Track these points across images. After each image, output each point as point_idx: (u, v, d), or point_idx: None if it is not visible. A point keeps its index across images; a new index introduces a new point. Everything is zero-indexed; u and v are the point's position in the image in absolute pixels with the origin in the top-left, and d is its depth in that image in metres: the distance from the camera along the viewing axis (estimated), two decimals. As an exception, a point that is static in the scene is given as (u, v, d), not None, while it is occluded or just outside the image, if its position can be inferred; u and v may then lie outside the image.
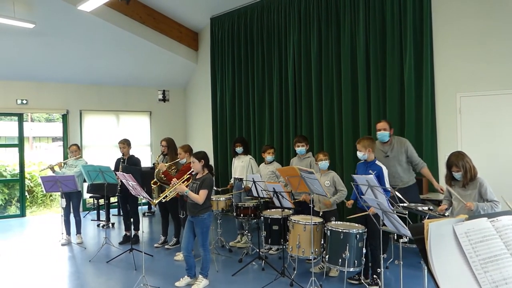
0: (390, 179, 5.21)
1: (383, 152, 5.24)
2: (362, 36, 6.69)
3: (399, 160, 5.17)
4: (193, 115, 10.78)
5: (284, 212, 5.14)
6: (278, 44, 8.11)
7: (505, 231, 1.28)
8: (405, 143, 5.22)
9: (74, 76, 9.49)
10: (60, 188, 6.40)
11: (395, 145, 5.20)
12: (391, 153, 5.19)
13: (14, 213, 9.72)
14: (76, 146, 7.07)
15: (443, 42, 6.02)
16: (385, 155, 5.20)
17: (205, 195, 4.57)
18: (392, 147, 5.20)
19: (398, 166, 5.16)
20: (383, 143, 5.24)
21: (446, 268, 1.23)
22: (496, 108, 5.59)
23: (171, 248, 6.33)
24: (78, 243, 6.76)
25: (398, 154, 5.17)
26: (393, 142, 5.22)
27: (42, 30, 7.91)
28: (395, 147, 5.20)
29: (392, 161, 5.16)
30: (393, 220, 3.54)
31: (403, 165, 5.20)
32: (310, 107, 7.50)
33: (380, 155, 5.20)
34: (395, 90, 6.36)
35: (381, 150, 5.24)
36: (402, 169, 5.17)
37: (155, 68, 10.04)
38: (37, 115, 18.35)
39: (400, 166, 5.17)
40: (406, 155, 5.18)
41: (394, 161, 5.16)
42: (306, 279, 4.57)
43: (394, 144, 5.21)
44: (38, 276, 5.31)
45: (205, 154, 4.77)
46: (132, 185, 4.73)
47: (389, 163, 5.08)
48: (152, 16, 9.23)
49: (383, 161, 5.14)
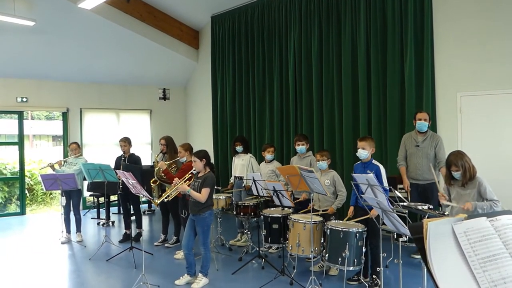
0: (412, 170, 5.40)
1: (415, 141, 5.38)
2: (363, 35, 6.69)
3: (427, 153, 5.29)
4: (194, 114, 10.78)
5: (284, 211, 5.14)
6: (278, 42, 8.11)
7: (504, 230, 1.28)
8: (438, 139, 5.33)
9: (74, 74, 9.49)
10: (60, 186, 6.40)
11: (429, 138, 5.32)
12: (422, 144, 5.33)
13: (14, 211, 9.73)
14: (76, 144, 7.07)
15: (444, 41, 6.01)
16: (416, 145, 5.35)
17: (208, 193, 4.57)
18: (424, 138, 5.33)
19: (425, 159, 5.28)
20: (419, 133, 5.35)
21: (445, 267, 1.23)
22: (497, 108, 5.59)
23: (171, 246, 6.34)
24: (78, 241, 6.76)
25: (428, 147, 5.30)
26: (428, 135, 5.34)
27: (42, 28, 7.91)
28: (427, 140, 5.32)
29: (421, 152, 5.31)
30: (392, 219, 3.54)
31: (430, 159, 5.29)
32: (310, 106, 7.50)
33: (411, 144, 5.37)
34: (395, 89, 6.36)
35: (413, 139, 5.40)
36: (427, 162, 5.22)
37: (155, 66, 10.04)
38: (37, 113, 18.34)
39: (426, 159, 5.27)
40: (435, 150, 5.26)
41: (422, 153, 5.31)
42: (306, 278, 4.58)
43: (428, 136, 5.33)
44: (38, 274, 5.31)
45: (206, 152, 4.77)
46: (132, 184, 4.74)
47: (417, 153, 5.28)
48: (152, 14, 9.22)
49: (413, 150, 5.33)
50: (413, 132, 5.47)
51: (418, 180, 5.39)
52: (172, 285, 4.75)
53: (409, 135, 5.53)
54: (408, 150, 5.47)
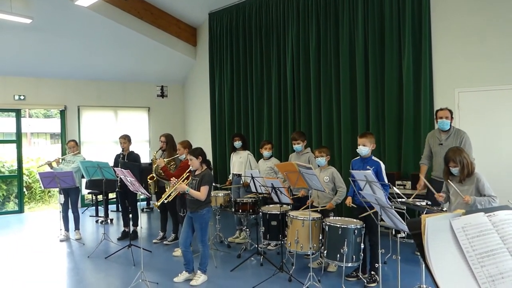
0: (437, 169, 5.16)
1: (438, 139, 5.20)
2: (361, 31, 6.68)
3: None
4: (192, 111, 10.77)
5: (283, 208, 5.14)
6: (276, 39, 8.10)
7: (501, 225, 1.28)
8: (463, 135, 5.09)
9: (72, 71, 9.46)
10: (58, 184, 6.38)
11: (452, 135, 5.11)
12: (445, 141, 5.12)
13: (12, 209, 9.72)
14: (74, 142, 7.06)
15: (442, 38, 6.01)
16: (439, 143, 5.16)
17: (206, 191, 4.57)
18: (448, 136, 5.12)
19: None
20: (442, 131, 5.17)
21: (443, 262, 1.23)
22: (495, 104, 5.60)
23: (169, 244, 6.34)
24: (77, 239, 6.76)
25: (452, 144, 5.03)
26: (451, 132, 5.14)
27: (39, 25, 7.88)
28: (451, 137, 5.11)
29: (444, 150, 5.07)
30: (391, 216, 3.55)
31: None
32: (308, 102, 7.50)
33: (435, 143, 5.20)
34: (393, 85, 6.36)
35: (437, 138, 5.22)
36: None
37: (153, 63, 10.02)
38: (35, 111, 18.29)
39: None
40: (460, 145, 5.03)
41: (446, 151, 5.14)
42: (305, 274, 4.58)
43: (451, 133, 5.12)
44: (36, 272, 5.31)
45: (201, 150, 4.77)
46: (131, 181, 4.73)
47: (441, 151, 5.04)
48: (150, 11, 9.19)
49: (437, 149, 5.14)
50: (436, 130, 5.27)
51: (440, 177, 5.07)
52: (171, 283, 4.76)
53: (433, 133, 5.35)
54: (433, 149, 5.29)
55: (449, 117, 5.13)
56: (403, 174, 6.20)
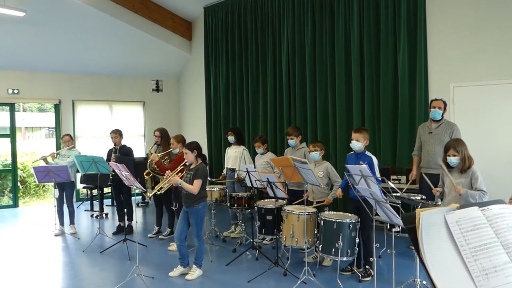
0: (424, 158, 5.27)
1: (428, 128, 5.27)
2: (356, 26, 6.68)
3: (440, 140, 5.05)
4: (187, 105, 10.73)
5: (278, 202, 5.14)
6: (272, 33, 8.07)
7: (495, 220, 1.29)
8: (453, 126, 5.14)
9: (66, 65, 9.40)
10: (53, 178, 6.36)
11: (443, 125, 5.17)
12: (435, 130, 5.18)
13: (7, 204, 9.68)
14: (69, 136, 7.03)
15: (437, 32, 6.02)
16: (429, 131, 5.23)
17: (200, 185, 4.56)
18: (438, 125, 5.18)
19: (437, 146, 5.06)
20: (433, 121, 5.22)
21: (437, 256, 1.24)
22: (489, 99, 5.62)
23: (165, 238, 6.34)
24: (72, 233, 6.74)
25: (442, 133, 5.12)
26: (442, 122, 5.19)
27: (33, 19, 7.80)
28: (441, 126, 5.16)
29: (433, 138, 5.16)
30: (385, 210, 3.56)
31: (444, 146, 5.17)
32: (304, 97, 7.49)
33: (425, 131, 5.27)
34: (389, 80, 6.37)
35: (427, 127, 5.29)
36: (440, 149, 4.87)
37: (148, 58, 9.97)
38: (29, 105, 18.17)
39: (439, 145, 4.97)
40: (450, 137, 5.02)
41: (435, 139, 5.15)
42: (300, 268, 4.60)
43: (442, 123, 5.18)
44: (31, 267, 5.30)
45: (197, 144, 4.76)
46: (126, 176, 4.72)
47: (430, 139, 5.15)
48: (145, 5, 9.13)
49: (425, 137, 5.20)
50: (428, 121, 5.34)
51: (430, 168, 5.11)
52: (166, 277, 4.76)
53: (424, 124, 5.41)
54: (422, 138, 5.33)
55: (442, 108, 5.18)
56: (398, 169, 6.23)
